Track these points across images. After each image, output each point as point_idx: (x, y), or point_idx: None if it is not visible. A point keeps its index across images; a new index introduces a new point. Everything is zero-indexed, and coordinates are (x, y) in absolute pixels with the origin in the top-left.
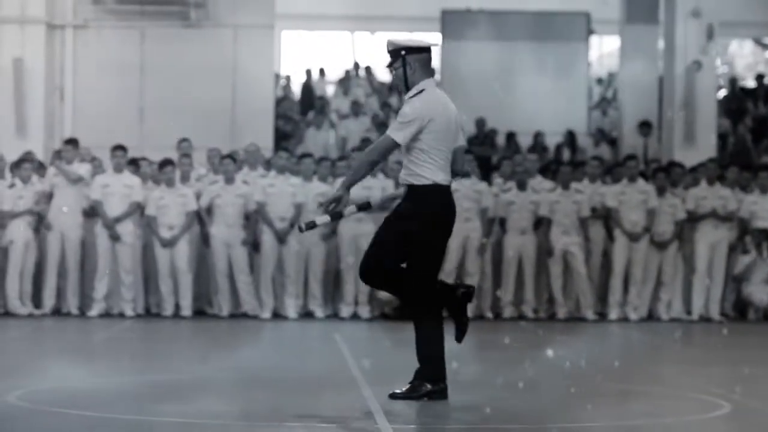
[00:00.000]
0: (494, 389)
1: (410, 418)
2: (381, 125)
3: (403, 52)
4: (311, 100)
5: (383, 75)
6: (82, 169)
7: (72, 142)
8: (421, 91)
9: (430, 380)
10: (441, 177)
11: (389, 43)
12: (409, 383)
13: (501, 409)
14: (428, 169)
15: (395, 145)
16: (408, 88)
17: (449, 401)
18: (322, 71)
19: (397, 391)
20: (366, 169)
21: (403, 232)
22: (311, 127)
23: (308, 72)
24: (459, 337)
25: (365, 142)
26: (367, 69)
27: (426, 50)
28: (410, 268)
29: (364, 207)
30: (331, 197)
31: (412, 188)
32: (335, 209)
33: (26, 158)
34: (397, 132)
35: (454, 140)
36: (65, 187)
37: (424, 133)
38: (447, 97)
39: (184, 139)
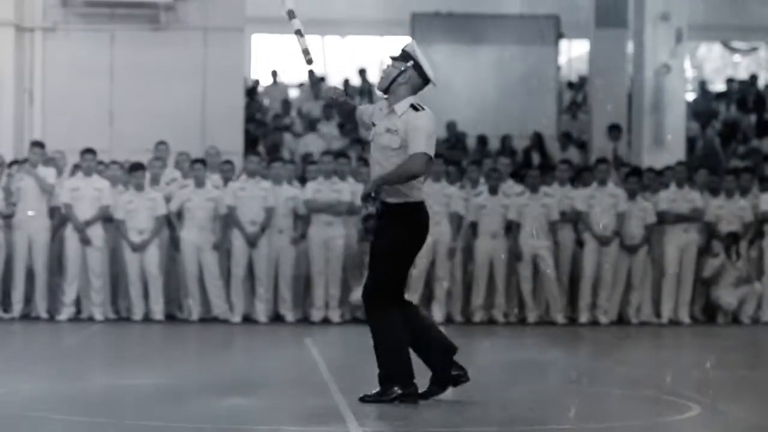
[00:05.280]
0: (466, 392)
1: (381, 422)
2: (350, 131)
3: (410, 62)
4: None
5: (355, 80)
6: (49, 173)
7: (38, 144)
8: (418, 107)
9: (399, 383)
10: (421, 194)
11: (409, 45)
12: (380, 386)
13: (472, 411)
14: (416, 188)
15: (429, 159)
16: (387, 90)
17: (420, 404)
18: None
19: (368, 393)
20: (400, 180)
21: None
22: (286, 132)
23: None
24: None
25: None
26: (346, 81)
27: (427, 81)
28: (375, 273)
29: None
30: (365, 192)
31: (393, 206)
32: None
33: None
34: (426, 147)
35: None
36: (31, 190)
37: None
38: None
39: (162, 142)
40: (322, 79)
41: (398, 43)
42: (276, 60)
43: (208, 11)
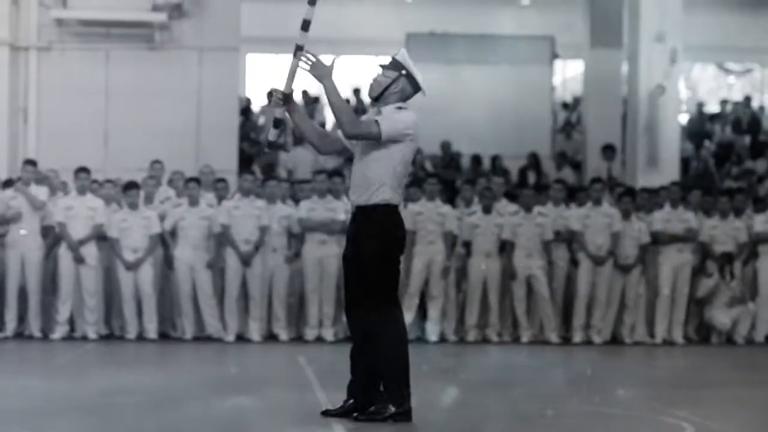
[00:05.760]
0: (460, 412)
1: None
2: (343, 150)
3: (403, 71)
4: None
5: (351, 99)
6: (41, 191)
7: (30, 162)
8: (403, 108)
9: (393, 402)
10: (396, 197)
11: (400, 54)
12: (372, 406)
13: (463, 427)
14: (387, 187)
15: (376, 137)
16: (378, 99)
17: (414, 423)
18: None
19: (361, 413)
20: (338, 112)
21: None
22: (281, 151)
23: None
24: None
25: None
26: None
27: (417, 89)
28: (370, 287)
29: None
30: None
31: (368, 208)
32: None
33: None
34: (385, 126)
35: None
36: (23, 208)
37: (400, 147)
38: None
39: (157, 161)
40: (317, 100)
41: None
42: (271, 80)
43: (203, 31)
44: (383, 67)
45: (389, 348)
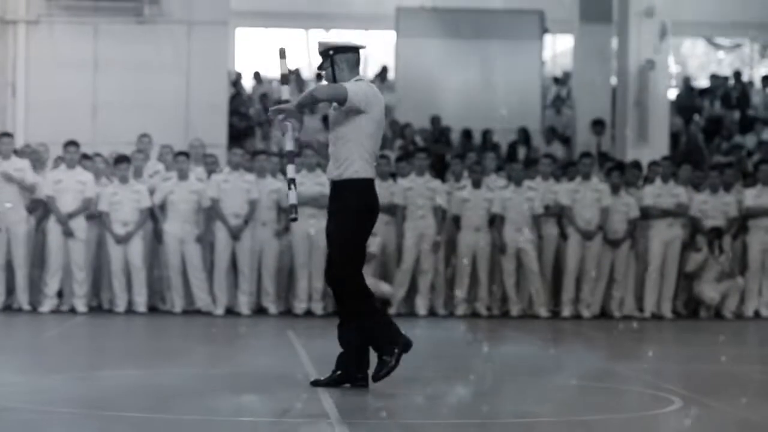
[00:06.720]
0: (447, 385)
1: (363, 414)
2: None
3: (331, 52)
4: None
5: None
6: (23, 165)
7: (6, 135)
8: (358, 80)
9: (393, 343)
10: (369, 171)
11: (319, 45)
12: (360, 374)
13: (456, 404)
14: (358, 163)
15: (343, 97)
16: None
17: (401, 399)
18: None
19: (378, 371)
20: (310, 98)
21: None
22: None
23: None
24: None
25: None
26: (319, 75)
27: (353, 50)
28: (337, 261)
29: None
30: (282, 107)
31: (340, 183)
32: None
33: None
34: (351, 93)
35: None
36: (6, 183)
37: (364, 120)
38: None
39: (144, 135)
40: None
41: (382, 37)
42: (259, 55)
43: (192, 4)
44: (319, 68)
45: (364, 321)
